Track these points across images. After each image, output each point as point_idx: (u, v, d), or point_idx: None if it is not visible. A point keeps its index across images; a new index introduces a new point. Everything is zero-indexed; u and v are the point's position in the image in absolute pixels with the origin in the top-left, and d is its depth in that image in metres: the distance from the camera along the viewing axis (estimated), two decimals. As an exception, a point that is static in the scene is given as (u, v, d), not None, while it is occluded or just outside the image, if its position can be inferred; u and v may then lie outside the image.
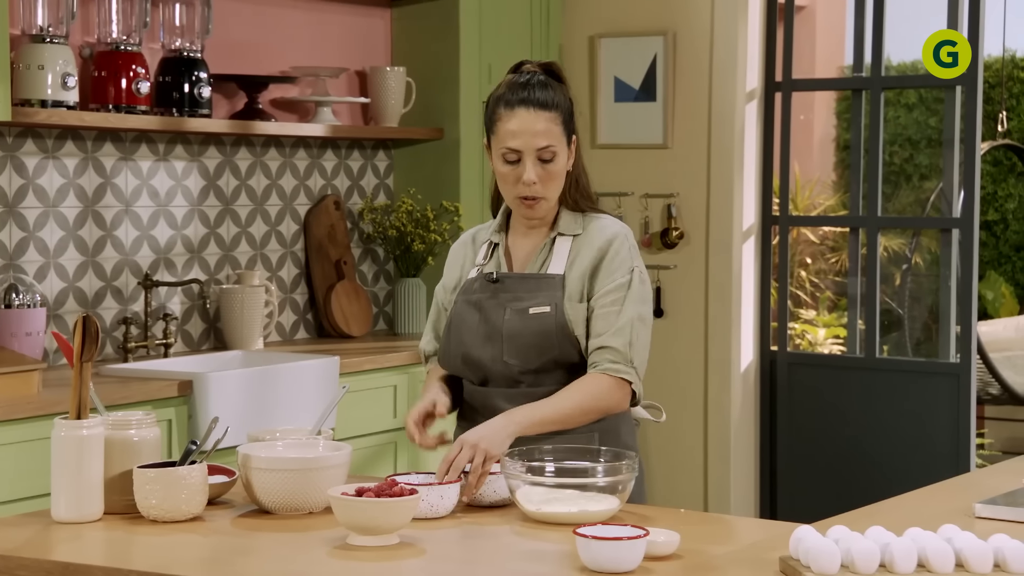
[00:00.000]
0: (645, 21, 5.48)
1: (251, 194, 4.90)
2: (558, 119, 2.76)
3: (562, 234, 2.82)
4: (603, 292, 2.76)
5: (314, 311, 5.11)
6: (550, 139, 2.74)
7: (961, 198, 5.36)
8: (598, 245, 2.79)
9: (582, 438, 2.74)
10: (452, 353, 2.86)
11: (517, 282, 2.81)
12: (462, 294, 2.87)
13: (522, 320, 2.76)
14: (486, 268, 2.87)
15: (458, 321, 2.84)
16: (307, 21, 5.08)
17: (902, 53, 9.22)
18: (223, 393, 4.03)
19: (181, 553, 2.35)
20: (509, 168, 2.77)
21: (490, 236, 2.91)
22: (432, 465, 4.71)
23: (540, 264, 2.82)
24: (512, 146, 2.74)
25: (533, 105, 2.73)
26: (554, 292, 2.77)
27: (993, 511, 2.50)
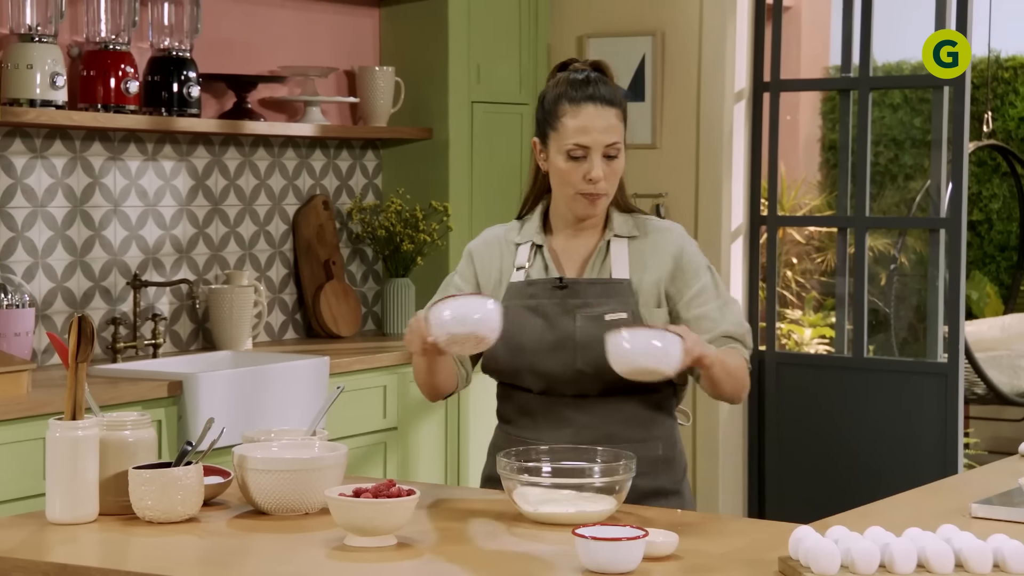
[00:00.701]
0: (633, 21, 5.49)
1: (240, 194, 4.89)
2: (620, 116, 2.72)
3: (618, 236, 2.75)
4: (692, 294, 2.73)
5: (303, 311, 5.10)
6: (616, 135, 2.70)
7: (948, 195, 5.37)
8: (669, 250, 2.74)
9: (649, 446, 2.71)
10: (507, 360, 2.72)
11: (585, 287, 2.72)
12: (514, 298, 2.74)
13: (597, 327, 2.67)
14: (533, 271, 2.76)
15: (517, 328, 2.70)
16: (296, 21, 5.07)
17: (887, 54, 9.24)
18: (213, 394, 4.02)
19: (177, 554, 2.34)
20: (573, 164, 2.69)
21: (531, 237, 2.78)
22: (423, 471, 4.72)
23: (599, 268, 2.75)
24: (581, 142, 2.67)
25: (600, 101, 2.68)
26: (627, 298, 2.71)
27: (989, 511, 2.50)
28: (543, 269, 2.77)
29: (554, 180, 2.74)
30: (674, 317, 2.74)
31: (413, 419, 4.76)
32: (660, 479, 2.74)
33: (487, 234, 2.88)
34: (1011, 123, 9.51)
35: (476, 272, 2.82)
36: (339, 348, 4.77)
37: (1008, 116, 9.52)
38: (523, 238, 2.80)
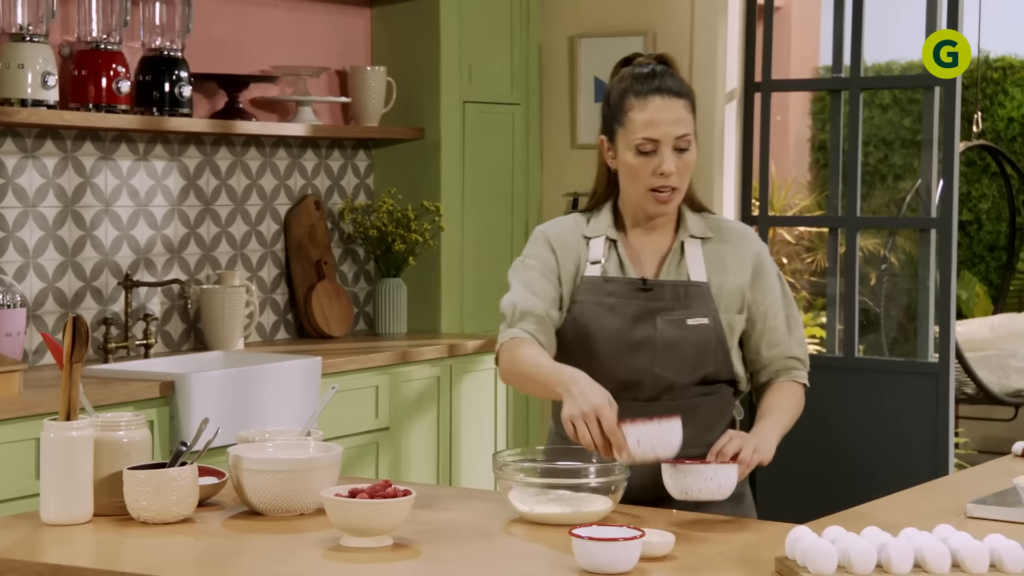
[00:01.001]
0: (625, 21, 5.49)
1: (231, 194, 4.88)
2: (689, 107, 2.65)
3: (692, 236, 2.70)
4: (768, 303, 2.71)
5: (294, 311, 5.09)
6: (687, 127, 2.63)
7: (939, 193, 5.38)
8: (749, 257, 2.71)
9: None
10: (577, 358, 2.64)
11: (667, 290, 2.67)
12: (590, 294, 2.67)
13: (679, 331, 2.64)
14: (608, 268, 2.69)
15: (590, 326, 2.66)
16: (287, 20, 5.06)
17: (877, 54, 9.26)
18: (205, 394, 4.01)
19: (172, 555, 2.34)
20: (643, 160, 2.62)
21: (604, 231, 2.70)
22: (414, 472, 4.72)
23: (675, 269, 2.69)
24: (650, 136, 2.60)
25: (668, 93, 2.61)
26: (708, 303, 2.66)
27: (985, 511, 2.51)
28: (618, 266, 2.70)
29: (624, 177, 2.67)
30: (752, 325, 2.71)
31: (405, 419, 4.75)
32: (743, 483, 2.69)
33: (559, 224, 2.76)
34: (1000, 123, 9.54)
35: (558, 261, 2.71)
36: (331, 348, 4.76)
37: (997, 116, 9.54)
38: (594, 232, 2.71)
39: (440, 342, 4.96)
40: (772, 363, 2.74)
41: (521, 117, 5.56)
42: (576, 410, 2.42)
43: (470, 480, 4.96)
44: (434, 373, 4.85)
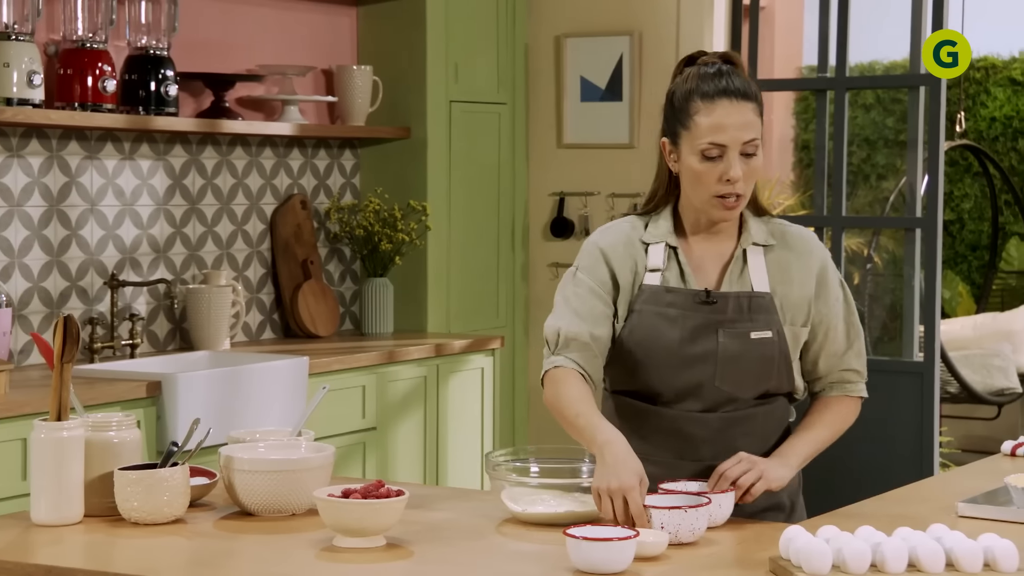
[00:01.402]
0: (611, 21, 5.49)
1: (217, 193, 4.87)
2: (757, 110, 2.52)
3: (755, 244, 2.60)
4: (831, 314, 2.62)
5: (280, 311, 5.08)
6: (755, 131, 2.51)
7: (923, 192, 5.39)
8: (815, 265, 2.61)
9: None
10: (635, 368, 2.59)
11: (730, 302, 2.56)
12: (648, 303, 2.58)
13: (742, 345, 2.55)
14: (668, 275, 2.59)
15: (648, 336, 2.57)
16: (273, 19, 5.04)
17: (859, 54, 9.28)
18: (193, 394, 4.00)
19: (164, 556, 2.33)
20: (708, 165, 2.50)
21: (664, 238, 2.60)
22: (401, 471, 4.71)
23: (737, 278, 2.59)
24: (717, 141, 2.48)
25: (735, 95, 2.49)
26: (771, 315, 2.57)
27: (976, 510, 2.51)
28: (679, 275, 2.59)
29: (687, 182, 2.56)
30: (813, 335, 2.63)
31: (392, 419, 4.74)
32: (778, 494, 2.61)
33: (614, 231, 2.65)
34: (983, 123, 9.57)
35: (614, 273, 2.61)
36: (317, 348, 4.75)
37: (980, 116, 9.57)
38: (653, 238, 2.61)
39: (427, 342, 4.95)
40: (828, 375, 2.66)
41: (507, 117, 5.56)
42: (604, 484, 2.34)
43: (457, 480, 4.96)
44: (421, 373, 4.84)
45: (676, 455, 2.60)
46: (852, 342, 2.66)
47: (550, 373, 2.61)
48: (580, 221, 5.56)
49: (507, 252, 5.60)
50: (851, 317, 2.65)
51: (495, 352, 5.16)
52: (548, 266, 5.65)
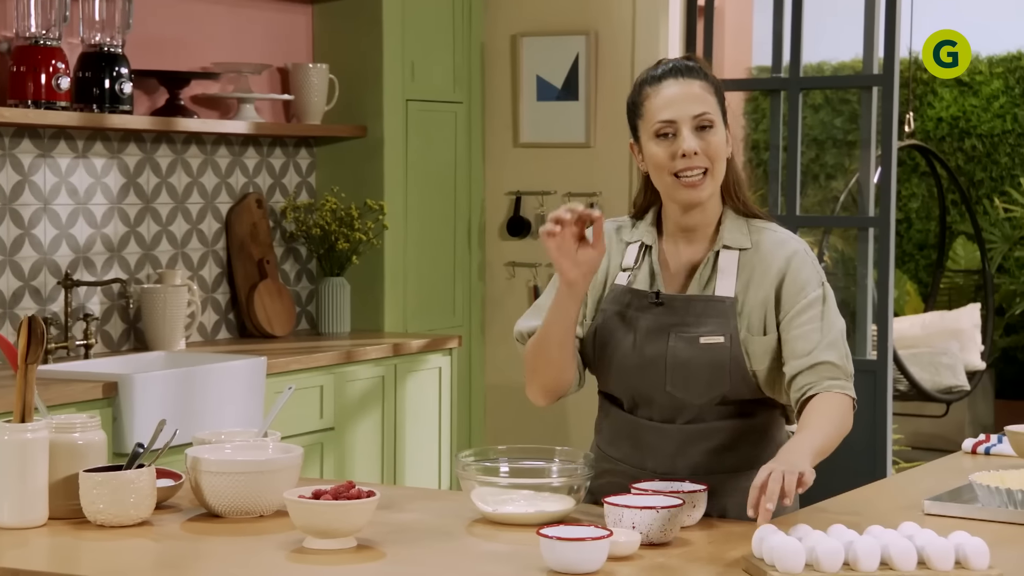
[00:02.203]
0: (567, 21, 5.49)
1: (172, 192, 4.83)
2: (710, 89, 2.50)
3: (727, 247, 2.54)
4: (795, 312, 2.50)
5: (236, 311, 5.04)
6: (705, 105, 2.48)
7: (872, 193, 5.44)
8: (776, 267, 2.52)
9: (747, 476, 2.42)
10: (597, 370, 2.60)
11: (683, 304, 2.52)
12: (612, 304, 2.57)
13: (690, 349, 2.49)
14: (638, 276, 2.57)
15: (607, 339, 2.56)
16: (228, 16, 5.01)
17: (807, 55, 9.33)
18: (150, 395, 3.97)
19: (132, 558, 2.30)
20: (664, 144, 2.48)
21: (641, 237, 2.59)
22: (359, 471, 4.69)
23: (704, 281, 2.54)
24: (665, 117, 2.47)
25: (680, 74, 2.49)
26: (727, 320, 2.50)
27: (942, 508, 2.53)
28: (648, 275, 2.57)
29: (652, 173, 2.53)
30: (782, 336, 2.51)
31: (350, 419, 4.72)
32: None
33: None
34: (929, 123, 9.66)
35: None
36: (274, 348, 4.72)
37: (927, 117, 9.66)
38: (633, 237, 2.60)
39: (384, 341, 4.94)
40: (803, 372, 2.48)
41: (464, 115, 5.55)
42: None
43: (415, 479, 4.94)
44: (378, 372, 4.82)
45: (637, 464, 2.57)
46: (828, 338, 2.50)
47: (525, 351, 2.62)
48: (536, 220, 5.57)
49: (463, 251, 5.59)
50: (827, 316, 2.52)
51: (453, 351, 5.15)
52: (505, 265, 5.64)
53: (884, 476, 5.34)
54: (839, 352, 2.51)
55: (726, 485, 2.54)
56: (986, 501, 2.54)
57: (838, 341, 2.51)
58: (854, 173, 9.13)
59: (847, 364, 2.51)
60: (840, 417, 2.46)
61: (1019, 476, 2.60)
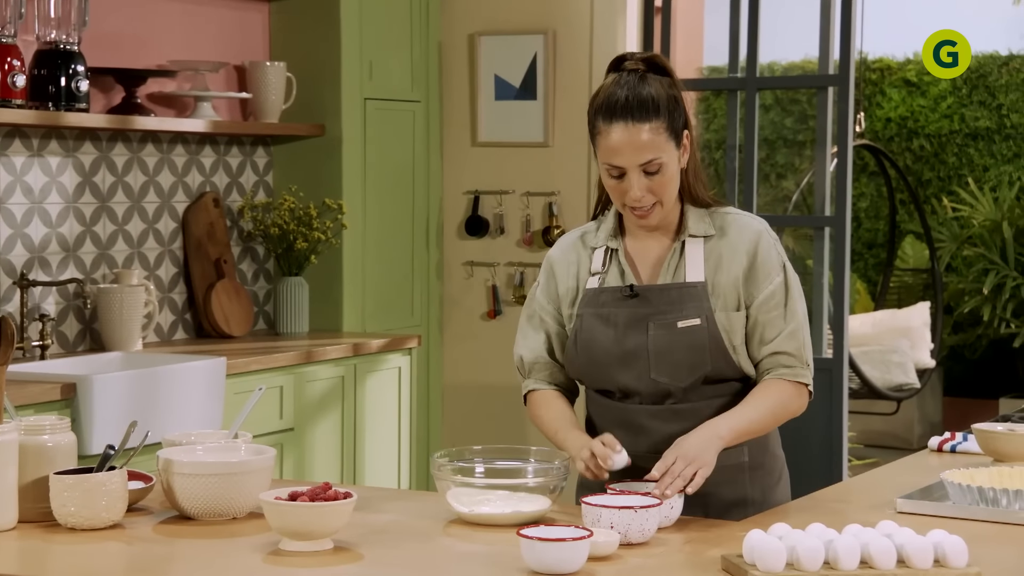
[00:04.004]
0: (525, 20, 5.49)
1: (128, 191, 4.78)
2: (661, 127, 2.52)
3: (692, 236, 2.61)
4: (763, 297, 2.59)
5: (193, 311, 5.00)
6: (654, 152, 2.52)
7: (828, 192, 5.48)
8: (744, 248, 2.60)
9: (732, 453, 2.59)
10: (584, 370, 2.65)
11: (657, 294, 2.59)
12: (588, 306, 2.63)
13: (670, 335, 2.57)
14: (608, 277, 2.64)
15: (588, 338, 2.62)
16: (185, 14, 4.96)
17: (760, 55, 9.38)
18: (109, 396, 3.92)
19: (104, 562, 2.28)
20: (614, 182, 2.56)
21: (605, 241, 2.66)
22: (318, 472, 4.66)
23: (673, 271, 2.62)
24: (614, 163, 2.53)
25: (632, 118, 2.50)
26: (701, 303, 2.57)
27: (914, 506, 2.55)
28: (619, 275, 2.64)
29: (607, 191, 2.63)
30: (750, 320, 2.60)
31: (309, 420, 4.70)
32: (746, 488, 2.63)
33: (565, 240, 2.75)
34: (878, 123, 9.74)
35: (557, 283, 2.70)
36: (232, 348, 4.69)
37: (876, 117, 9.74)
38: (597, 242, 2.68)
39: (344, 341, 4.91)
40: (763, 358, 2.61)
41: (422, 114, 5.53)
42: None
43: (374, 479, 4.92)
44: (338, 373, 4.80)
45: (632, 449, 2.57)
46: (788, 328, 2.60)
47: (528, 396, 2.76)
48: (495, 220, 5.56)
49: (422, 251, 5.57)
50: (790, 303, 2.60)
51: (412, 351, 5.13)
52: (463, 265, 5.63)
53: (840, 473, 5.39)
54: (797, 342, 2.61)
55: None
56: (958, 499, 2.56)
57: (797, 331, 2.61)
58: (804, 173, 9.21)
59: (804, 353, 2.62)
60: (779, 401, 2.60)
61: (989, 474, 2.62)
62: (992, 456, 2.99)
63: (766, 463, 2.69)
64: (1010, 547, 2.32)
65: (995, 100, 9.40)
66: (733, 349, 2.59)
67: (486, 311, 5.59)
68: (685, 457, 2.45)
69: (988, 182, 9.30)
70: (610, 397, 2.66)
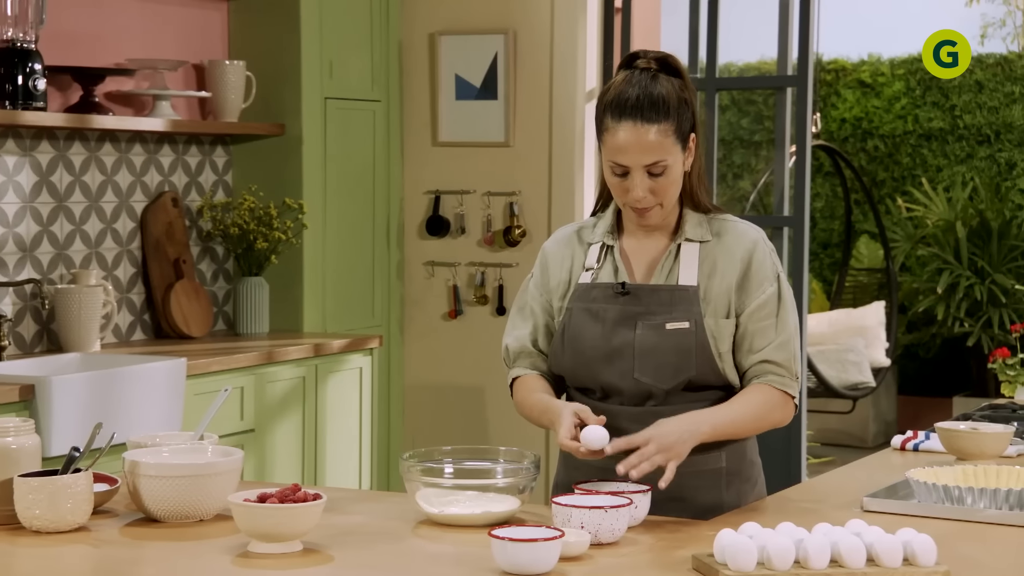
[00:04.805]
0: (485, 20, 5.48)
1: (86, 190, 4.74)
2: (669, 129, 2.52)
3: (689, 240, 2.61)
4: (755, 306, 2.58)
5: (151, 311, 4.96)
6: (660, 154, 2.52)
7: (787, 192, 5.50)
8: (740, 256, 2.59)
9: (710, 458, 2.60)
10: (570, 366, 2.64)
11: (648, 294, 2.59)
12: (578, 301, 2.63)
13: (657, 336, 2.56)
14: (601, 273, 2.64)
15: (576, 332, 2.62)
16: (143, 12, 4.93)
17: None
18: (68, 397, 3.89)
19: (70, 564, 2.26)
20: (617, 180, 2.56)
21: (602, 238, 2.66)
22: (279, 473, 4.64)
23: (667, 273, 2.61)
24: (619, 161, 2.53)
25: (641, 118, 2.50)
26: (691, 307, 2.57)
27: (880, 504, 2.56)
28: (612, 271, 2.64)
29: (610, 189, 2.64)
30: (740, 328, 2.59)
31: (270, 421, 4.67)
32: (722, 494, 2.62)
33: (560, 232, 2.75)
34: (833, 124, 9.80)
35: (549, 275, 2.70)
36: (192, 349, 4.65)
37: (831, 118, 9.81)
38: (594, 237, 2.67)
39: (305, 342, 4.89)
40: (751, 367, 2.60)
41: (382, 114, 5.52)
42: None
43: (335, 480, 4.90)
44: (299, 373, 4.78)
45: (623, 452, 2.55)
46: (779, 339, 2.59)
47: (514, 384, 2.74)
48: (456, 219, 5.55)
49: (382, 251, 5.55)
50: (782, 313, 2.60)
51: (374, 352, 5.11)
52: (424, 264, 5.62)
53: (800, 470, 5.42)
54: (787, 353, 2.61)
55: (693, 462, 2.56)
56: (923, 497, 2.57)
57: (788, 342, 2.61)
58: (761, 173, 9.25)
59: (793, 365, 2.62)
60: (765, 407, 2.59)
61: (954, 472, 2.64)
62: (955, 454, 3.01)
63: (743, 469, 2.68)
64: (977, 545, 2.34)
65: (948, 101, 9.48)
66: (719, 356, 2.58)
67: (447, 311, 5.58)
68: (660, 444, 2.44)
69: (942, 182, 9.38)
70: (591, 397, 2.65)
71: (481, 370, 5.48)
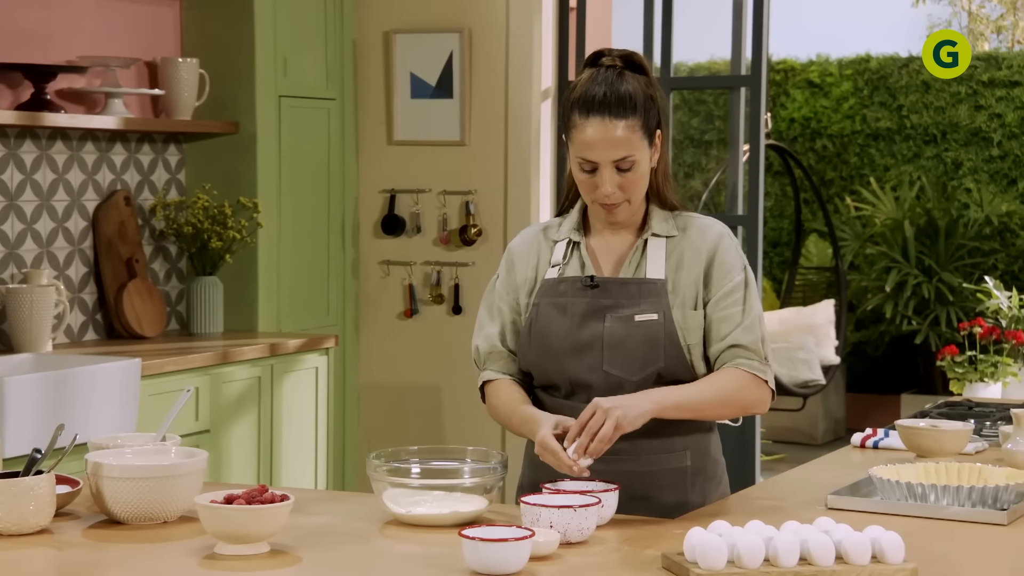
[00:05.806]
0: (440, 18, 5.47)
1: (37, 189, 4.68)
2: (636, 124, 2.54)
3: (655, 235, 2.64)
4: (721, 295, 2.61)
5: (104, 311, 4.92)
6: (628, 149, 2.54)
7: (740, 191, 5.53)
8: (706, 248, 2.62)
9: (675, 457, 2.62)
10: (536, 360, 2.64)
11: (617, 287, 2.61)
12: (545, 296, 2.65)
13: (626, 328, 2.58)
14: (568, 269, 2.66)
15: (543, 327, 2.63)
16: (95, 8, 4.88)
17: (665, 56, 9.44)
18: (20, 398, 3.84)
19: (33, 567, 2.23)
20: (585, 176, 2.58)
21: (568, 235, 2.67)
22: (235, 474, 4.61)
23: (634, 267, 2.63)
24: (587, 157, 2.55)
25: (609, 114, 2.53)
26: (659, 299, 2.60)
27: (844, 502, 2.57)
28: (579, 267, 2.66)
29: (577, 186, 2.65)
30: (707, 318, 2.61)
31: (226, 421, 4.64)
32: (687, 493, 2.64)
33: (526, 231, 2.77)
34: (783, 124, 9.86)
35: (516, 274, 2.71)
36: (145, 349, 4.61)
37: (780, 117, 9.86)
38: (560, 235, 2.69)
39: (261, 341, 4.86)
40: (721, 354, 2.61)
41: (337, 112, 5.49)
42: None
43: (291, 480, 4.87)
44: (255, 373, 4.74)
45: None
46: (745, 322, 2.61)
47: (485, 388, 2.73)
48: (411, 218, 5.53)
49: (337, 250, 5.53)
50: (749, 299, 2.63)
51: (329, 351, 5.09)
52: (379, 263, 5.60)
53: (754, 468, 5.44)
54: (754, 335, 2.62)
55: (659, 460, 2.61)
56: (886, 495, 2.59)
57: (755, 325, 2.63)
58: (711, 172, 9.29)
59: (761, 347, 2.63)
60: (730, 387, 2.59)
61: (916, 470, 2.66)
62: (915, 452, 3.03)
63: (707, 468, 2.69)
64: (941, 542, 2.35)
65: (895, 101, 9.56)
66: (688, 348, 2.60)
67: (403, 310, 5.56)
68: (598, 405, 2.45)
69: (889, 181, 9.46)
70: (555, 395, 2.65)
71: (437, 369, 5.47)
